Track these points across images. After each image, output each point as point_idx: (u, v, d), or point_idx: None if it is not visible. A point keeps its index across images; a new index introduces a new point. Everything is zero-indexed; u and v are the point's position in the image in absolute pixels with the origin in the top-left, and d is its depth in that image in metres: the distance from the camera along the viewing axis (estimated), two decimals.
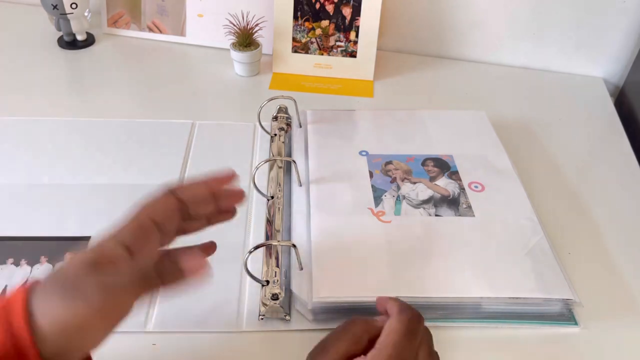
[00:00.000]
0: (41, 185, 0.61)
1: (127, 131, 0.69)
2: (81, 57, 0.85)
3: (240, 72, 0.82)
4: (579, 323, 0.49)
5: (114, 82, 0.80)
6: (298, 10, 0.80)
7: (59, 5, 0.81)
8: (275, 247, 0.53)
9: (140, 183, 0.62)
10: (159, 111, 0.74)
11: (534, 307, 0.49)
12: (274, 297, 0.49)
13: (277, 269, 0.51)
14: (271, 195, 0.59)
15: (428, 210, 0.57)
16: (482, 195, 0.59)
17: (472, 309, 0.49)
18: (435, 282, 0.49)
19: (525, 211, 0.57)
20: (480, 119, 0.70)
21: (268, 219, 0.57)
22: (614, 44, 0.83)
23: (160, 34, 0.89)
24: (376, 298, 0.43)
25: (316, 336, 0.48)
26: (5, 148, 0.66)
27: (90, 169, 0.64)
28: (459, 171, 0.61)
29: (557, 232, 0.58)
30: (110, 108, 0.74)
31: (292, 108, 0.70)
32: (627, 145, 0.72)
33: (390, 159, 0.63)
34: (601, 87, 0.84)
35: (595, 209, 0.62)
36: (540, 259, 0.52)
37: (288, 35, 0.82)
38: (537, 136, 0.73)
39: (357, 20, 0.80)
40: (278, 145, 0.66)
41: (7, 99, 0.75)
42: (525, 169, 0.65)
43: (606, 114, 0.79)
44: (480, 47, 0.88)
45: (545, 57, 0.87)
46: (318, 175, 0.61)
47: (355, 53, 0.82)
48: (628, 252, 0.57)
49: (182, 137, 0.69)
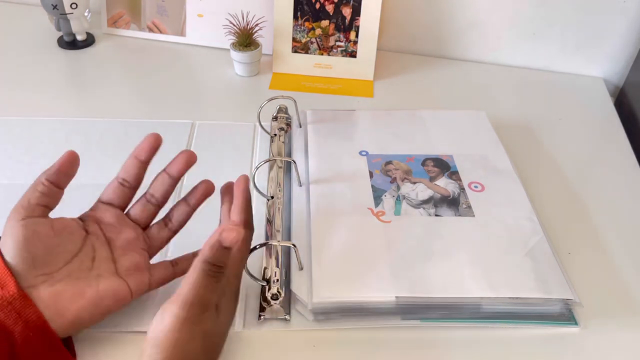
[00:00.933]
0: None
1: (127, 131, 0.69)
2: (81, 57, 0.85)
3: (240, 72, 0.82)
4: (579, 323, 0.49)
5: (114, 82, 0.80)
6: (298, 10, 0.80)
7: (59, 5, 0.81)
8: (275, 247, 0.53)
9: None
10: (159, 111, 0.74)
11: (534, 307, 0.49)
12: (274, 297, 0.49)
13: (277, 269, 0.51)
14: (271, 195, 0.59)
15: (428, 210, 0.57)
16: (482, 195, 0.59)
17: (472, 309, 0.49)
18: (435, 282, 0.49)
19: (525, 211, 0.57)
20: (480, 119, 0.70)
21: (268, 219, 0.57)
22: (614, 44, 0.83)
23: (160, 34, 0.89)
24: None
25: (316, 336, 0.48)
26: (5, 148, 0.66)
27: (90, 169, 0.64)
28: (459, 171, 0.61)
29: (557, 232, 0.58)
30: (110, 108, 0.74)
31: (292, 108, 0.70)
32: (627, 145, 0.72)
33: (390, 159, 0.63)
34: (601, 87, 0.84)
35: (595, 209, 0.62)
36: (540, 259, 0.52)
37: (288, 35, 0.82)
38: (537, 136, 0.73)
39: (357, 20, 0.80)
40: (278, 145, 0.66)
41: (7, 98, 0.75)
42: (525, 169, 0.65)
43: (606, 114, 0.79)
44: (480, 47, 0.88)
45: (545, 57, 0.87)
46: (318, 175, 0.61)
47: (355, 53, 0.82)
48: (628, 252, 0.57)
49: (182, 137, 0.69)
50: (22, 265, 0.41)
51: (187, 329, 0.39)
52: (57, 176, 0.44)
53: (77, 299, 0.42)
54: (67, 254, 0.44)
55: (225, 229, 0.42)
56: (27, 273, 0.41)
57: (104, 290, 0.44)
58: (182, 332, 0.39)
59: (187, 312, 0.39)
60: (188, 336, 0.39)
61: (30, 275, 0.41)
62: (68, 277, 0.43)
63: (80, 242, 0.45)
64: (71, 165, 0.45)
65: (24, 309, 0.40)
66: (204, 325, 0.40)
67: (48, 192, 0.44)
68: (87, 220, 0.47)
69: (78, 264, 0.44)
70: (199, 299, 0.40)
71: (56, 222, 0.44)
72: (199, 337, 0.40)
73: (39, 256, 0.42)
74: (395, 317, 0.49)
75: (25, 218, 0.42)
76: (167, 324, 0.39)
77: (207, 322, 0.41)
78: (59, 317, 0.41)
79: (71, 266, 0.43)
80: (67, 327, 0.42)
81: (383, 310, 0.49)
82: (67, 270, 0.43)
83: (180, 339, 0.39)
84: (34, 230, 0.42)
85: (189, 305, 0.39)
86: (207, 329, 0.41)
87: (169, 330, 0.39)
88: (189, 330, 0.39)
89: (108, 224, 0.47)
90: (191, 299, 0.40)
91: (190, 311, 0.39)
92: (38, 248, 0.42)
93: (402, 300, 0.48)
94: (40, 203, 0.43)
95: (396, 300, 0.48)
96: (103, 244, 0.46)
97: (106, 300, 0.44)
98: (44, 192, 0.43)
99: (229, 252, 0.42)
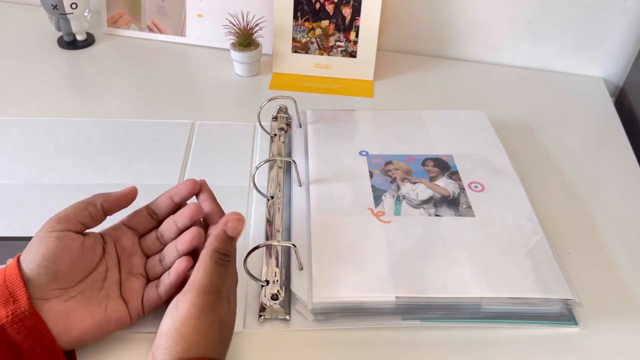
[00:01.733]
0: (41, 185, 0.61)
1: (127, 131, 0.69)
2: (81, 57, 0.85)
3: (240, 72, 0.82)
4: (579, 323, 0.49)
5: (114, 82, 0.80)
6: (298, 10, 0.80)
7: (59, 5, 0.81)
8: (275, 247, 0.53)
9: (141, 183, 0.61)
10: (159, 111, 0.74)
11: (534, 307, 0.49)
12: (274, 297, 0.49)
13: (277, 269, 0.51)
14: (271, 195, 0.59)
15: (428, 211, 0.57)
16: (482, 195, 0.59)
17: (472, 309, 0.49)
18: (435, 282, 0.49)
19: (525, 211, 0.57)
20: (480, 119, 0.70)
21: (268, 219, 0.57)
22: (614, 44, 0.83)
23: (160, 34, 0.89)
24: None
25: (316, 336, 0.48)
26: (5, 148, 0.66)
27: (90, 169, 0.64)
28: (459, 171, 0.61)
29: (557, 232, 0.58)
30: (110, 108, 0.74)
31: (292, 108, 0.70)
32: (627, 145, 0.72)
33: (390, 159, 0.63)
34: (601, 87, 0.84)
35: (595, 209, 0.62)
36: (540, 259, 0.52)
37: (288, 35, 0.82)
38: (537, 136, 0.73)
39: (357, 20, 0.80)
40: (278, 145, 0.66)
41: (7, 98, 0.75)
42: (525, 169, 0.65)
43: (606, 114, 0.79)
44: (480, 47, 0.88)
45: (545, 57, 0.87)
46: (318, 175, 0.61)
47: (355, 53, 0.82)
48: (628, 252, 0.57)
49: (182, 137, 0.69)
50: (43, 277, 0.41)
51: (205, 316, 0.40)
52: (112, 205, 0.46)
53: (87, 318, 0.43)
54: (84, 272, 0.44)
55: (229, 219, 0.44)
56: (45, 286, 0.41)
57: (111, 312, 0.44)
58: (200, 319, 0.40)
59: (203, 299, 0.40)
60: (207, 323, 0.40)
61: (47, 288, 0.41)
62: (81, 295, 0.43)
63: (97, 261, 0.45)
64: (129, 200, 0.47)
65: (34, 326, 0.40)
66: (219, 312, 0.41)
67: (96, 215, 0.45)
68: (107, 238, 0.47)
69: (91, 282, 0.44)
70: (213, 287, 0.41)
71: (87, 240, 0.44)
72: (216, 325, 0.41)
73: (62, 271, 0.42)
74: (395, 317, 0.49)
75: (62, 230, 0.42)
76: (183, 313, 0.40)
77: (222, 309, 0.42)
78: (66, 334, 0.41)
79: (85, 284, 0.44)
80: (71, 343, 0.42)
81: (383, 310, 0.49)
82: (81, 287, 0.43)
83: (199, 325, 0.40)
84: (66, 244, 0.42)
85: (205, 292, 0.40)
86: (222, 317, 0.42)
87: (187, 318, 0.40)
88: (207, 318, 0.40)
89: (124, 247, 0.48)
90: (206, 287, 0.41)
91: (207, 298, 0.40)
92: (65, 263, 0.42)
93: (402, 300, 0.48)
94: (83, 222, 0.44)
95: (396, 300, 0.48)
96: (114, 266, 0.46)
97: (111, 323, 0.44)
98: (93, 214, 0.45)
99: (233, 241, 0.44)
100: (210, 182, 0.51)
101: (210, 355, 0.40)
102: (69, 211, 0.44)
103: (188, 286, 0.41)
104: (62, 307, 0.42)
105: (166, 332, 0.40)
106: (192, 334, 0.39)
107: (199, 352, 0.39)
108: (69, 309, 0.42)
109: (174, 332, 0.39)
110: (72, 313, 0.42)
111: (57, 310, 0.41)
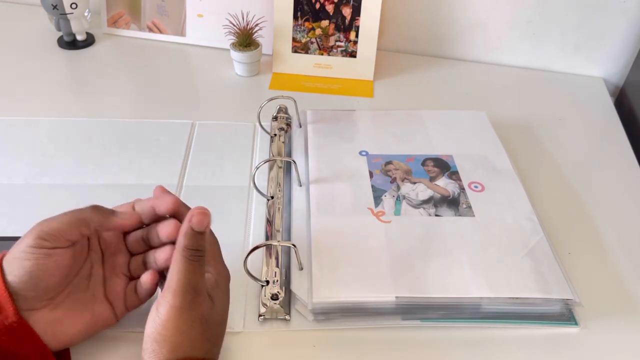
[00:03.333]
0: (41, 185, 0.61)
1: (127, 131, 0.69)
2: (81, 57, 0.85)
3: (240, 72, 0.82)
4: (579, 323, 0.49)
5: (114, 82, 0.80)
6: (298, 10, 0.80)
7: (59, 5, 0.81)
8: (275, 247, 0.53)
9: (140, 183, 0.62)
10: (159, 111, 0.74)
11: (534, 307, 0.49)
12: (274, 297, 0.49)
13: (277, 269, 0.51)
14: (271, 195, 0.59)
15: (428, 211, 0.57)
16: (482, 195, 0.59)
17: (472, 309, 0.49)
18: (435, 282, 0.49)
19: (525, 211, 0.57)
20: (480, 119, 0.70)
21: (268, 219, 0.57)
22: (614, 44, 0.83)
23: (160, 34, 0.89)
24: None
25: (316, 336, 0.48)
26: (5, 148, 0.66)
27: (90, 169, 0.64)
28: (459, 171, 0.61)
29: (557, 232, 0.58)
30: (110, 108, 0.74)
31: (292, 108, 0.70)
32: (627, 145, 0.72)
33: (390, 159, 0.63)
34: (601, 87, 0.84)
35: (595, 209, 0.62)
36: (540, 259, 0.52)
37: (288, 35, 0.82)
38: (537, 136, 0.73)
39: (357, 20, 0.80)
40: (278, 145, 0.66)
41: (7, 98, 0.75)
42: (525, 169, 0.65)
43: (606, 114, 0.79)
44: (480, 47, 0.88)
45: (545, 57, 0.87)
46: (318, 175, 0.61)
47: (355, 53, 0.82)
48: (628, 252, 0.57)
49: (182, 137, 0.69)
50: (31, 292, 0.40)
51: (186, 315, 0.40)
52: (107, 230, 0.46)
53: (76, 323, 0.43)
54: (72, 276, 0.43)
55: (194, 214, 0.42)
56: (33, 299, 0.41)
57: (98, 315, 0.44)
58: (181, 319, 0.40)
59: (181, 299, 0.40)
60: (187, 322, 0.40)
61: (35, 301, 0.41)
62: (68, 299, 0.43)
63: (83, 260, 0.45)
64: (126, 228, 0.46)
65: (25, 336, 0.39)
66: (200, 310, 0.41)
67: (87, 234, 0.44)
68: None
69: (77, 282, 0.44)
70: (189, 285, 0.41)
71: (77, 248, 0.43)
72: (198, 323, 0.40)
73: (52, 286, 0.41)
74: (395, 317, 0.49)
75: (52, 248, 0.41)
76: (164, 315, 0.40)
77: (202, 307, 0.41)
78: (55, 340, 0.41)
79: (72, 286, 0.43)
80: (59, 347, 0.42)
81: (383, 310, 0.49)
82: (68, 290, 0.43)
83: (181, 325, 0.40)
84: (55, 262, 0.41)
85: (182, 292, 0.40)
86: (204, 315, 0.41)
87: (168, 320, 0.40)
88: (188, 317, 0.40)
89: (109, 243, 0.47)
90: (181, 286, 0.40)
91: (184, 297, 0.40)
92: (55, 279, 0.41)
93: (402, 300, 0.48)
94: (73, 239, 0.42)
95: (396, 300, 0.48)
96: (99, 262, 0.46)
97: (98, 325, 0.44)
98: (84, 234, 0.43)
99: (203, 235, 0.43)
100: (210, 182, 0.51)
101: (197, 355, 0.40)
102: (59, 227, 0.42)
103: (166, 287, 0.41)
104: (50, 316, 0.41)
105: (150, 335, 0.40)
106: (174, 335, 0.39)
107: (185, 353, 0.39)
108: (57, 317, 0.42)
109: (157, 335, 0.39)
110: (61, 320, 0.42)
111: (46, 320, 0.41)
